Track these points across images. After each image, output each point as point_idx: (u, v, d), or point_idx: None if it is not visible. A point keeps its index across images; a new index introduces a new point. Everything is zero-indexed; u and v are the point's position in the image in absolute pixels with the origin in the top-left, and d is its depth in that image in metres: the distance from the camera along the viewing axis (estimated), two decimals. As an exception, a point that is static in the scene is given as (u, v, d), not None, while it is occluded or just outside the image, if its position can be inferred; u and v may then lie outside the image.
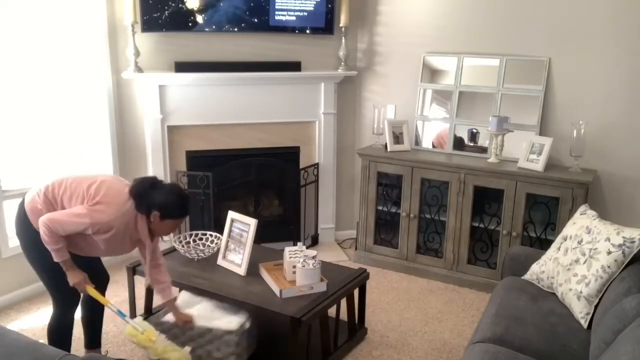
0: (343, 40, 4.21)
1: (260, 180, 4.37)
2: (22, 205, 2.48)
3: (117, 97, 3.94)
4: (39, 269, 2.52)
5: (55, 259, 2.39)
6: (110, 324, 3.22)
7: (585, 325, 2.34)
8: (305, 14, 4.09)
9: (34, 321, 3.25)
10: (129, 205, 2.40)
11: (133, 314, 3.11)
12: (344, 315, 3.03)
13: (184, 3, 3.81)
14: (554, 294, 2.59)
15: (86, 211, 2.34)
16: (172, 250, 3.25)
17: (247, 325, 2.70)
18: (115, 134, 3.95)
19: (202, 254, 3.11)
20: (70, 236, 2.37)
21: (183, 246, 3.15)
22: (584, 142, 3.50)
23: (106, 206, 2.36)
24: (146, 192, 2.43)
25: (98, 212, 2.34)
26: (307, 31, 4.15)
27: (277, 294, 2.71)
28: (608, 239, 2.36)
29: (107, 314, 3.35)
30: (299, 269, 2.76)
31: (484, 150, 3.91)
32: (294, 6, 4.05)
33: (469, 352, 2.19)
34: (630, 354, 1.66)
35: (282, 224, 4.45)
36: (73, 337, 3.07)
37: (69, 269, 2.43)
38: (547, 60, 3.70)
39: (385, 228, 4.18)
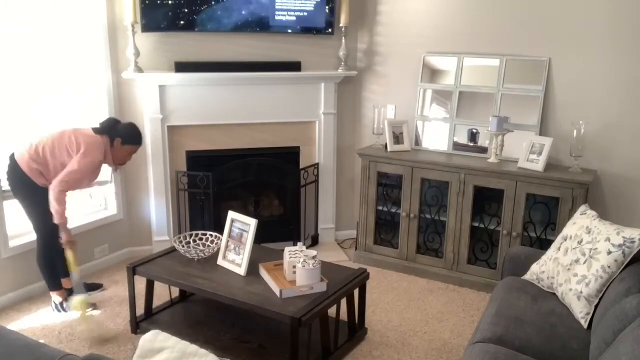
0: (343, 40, 4.21)
1: (260, 180, 4.37)
2: (16, 166, 3.14)
3: (117, 97, 3.94)
4: (34, 211, 3.21)
5: (57, 220, 3.11)
6: (110, 324, 3.22)
7: (585, 325, 2.34)
8: (305, 14, 4.09)
9: (34, 321, 3.25)
10: (100, 140, 3.22)
11: (133, 314, 3.11)
12: (344, 315, 3.03)
13: (184, 3, 3.81)
14: (554, 294, 2.59)
15: (78, 166, 3.11)
16: (172, 250, 3.25)
17: None
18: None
19: (202, 254, 3.11)
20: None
21: (183, 246, 3.15)
22: (584, 142, 3.50)
23: (89, 150, 3.15)
24: (112, 126, 3.30)
25: (86, 157, 3.13)
26: (307, 31, 4.15)
27: (277, 294, 2.71)
28: (608, 239, 2.36)
29: (108, 314, 3.35)
30: (299, 269, 2.76)
31: (484, 150, 3.91)
32: (294, 6, 4.05)
33: (469, 352, 2.19)
34: (630, 354, 1.66)
35: (282, 224, 4.45)
36: (73, 338, 3.08)
37: (64, 229, 3.16)
38: (547, 60, 3.70)
39: (385, 228, 4.18)
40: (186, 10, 3.82)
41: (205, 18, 3.88)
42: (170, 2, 3.77)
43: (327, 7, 4.10)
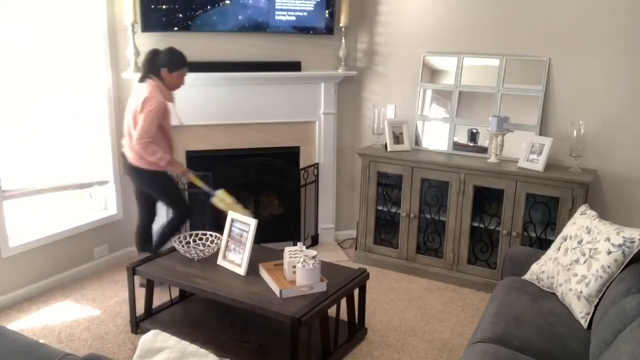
0: (343, 40, 4.21)
1: (260, 180, 4.36)
2: (130, 165, 3.40)
3: (117, 97, 3.94)
4: (164, 196, 3.52)
5: (162, 164, 3.30)
6: (110, 324, 3.22)
7: (585, 325, 2.34)
8: (305, 14, 4.09)
9: (34, 321, 3.25)
10: (152, 83, 3.28)
11: (133, 314, 3.11)
12: (344, 315, 3.03)
13: (184, 3, 3.80)
14: (554, 294, 2.59)
15: (146, 112, 3.20)
16: (172, 250, 3.25)
17: None
18: (115, 134, 3.94)
19: (202, 254, 3.11)
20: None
21: (183, 246, 3.15)
22: (584, 142, 3.50)
23: (150, 98, 3.22)
24: (152, 61, 3.32)
25: (150, 102, 3.21)
26: (307, 31, 4.15)
27: (277, 294, 2.71)
28: (608, 239, 2.36)
29: (108, 314, 3.35)
30: (299, 269, 2.76)
31: (484, 150, 3.91)
32: (294, 6, 4.05)
33: (469, 352, 2.20)
34: (630, 353, 1.66)
35: (282, 224, 4.45)
36: (73, 337, 3.09)
37: (174, 165, 3.40)
38: (547, 60, 3.70)
39: (385, 228, 4.18)
40: (186, 10, 3.82)
41: (205, 18, 3.88)
42: (170, 1, 3.77)
43: (327, 7, 4.10)
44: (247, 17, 3.96)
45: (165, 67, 3.31)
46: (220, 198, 3.41)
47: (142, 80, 3.35)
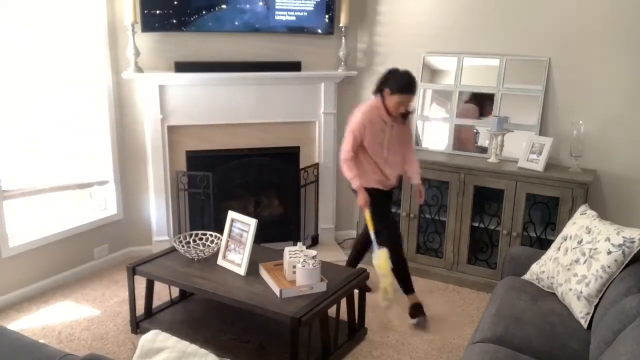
0: (343, 40, 4.21)
1: (260, 180, 4.36)
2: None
3: (117, 97, 3.94)
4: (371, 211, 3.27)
5: (354, 186, 3.22)
6: (110, 324, 3.22)
7: (585, 325, 2.34)
8: (305, 14, 4.09)
9: (34, 321, 3.25)
10: (368, 104, 3.25)
11: (133, 314, 3.11)
12: (344, 315, 3.03)
13: (183, 3, 3.80)
14: (554, 294, 2.59)
15: (349, 127, 3.22)
16: (172, 250, 3.25)
17: None
18: (115, 134, 3.95)
19: (202, 254, 3.11)
20: (360, 166, 3.24)
21: (183, 246, 3.15)
22: (584, 142, 3.50)
23: (355, 113, 3.25)
24: (383, 78, 3.22)
25: (353, 117, 3.23)
26: (307, 31, 4.15)
27: (277, 294, 2.71)
28: (608, 239, 2.36)
29: (108, 314, 3.35)
30: (299, 269, 2.76)
31: (484, 150, 3.91)
32: (294, 6, 4.04)
33: (469, 352, 2.20)
34: (630, 353, 1.66)
35: (282, 224, 4.45)
36: (73, 337, 3.08)
37: (360, 192, 3.21)
38: (547, 60, 3.70)
39: (385, 228, 4.17)
40: (186, 10, 3.82)
41: (205, 18, 3.87)
42: (170, 1, 3.77)
43: (327, 7, 4.10)
44: (247, 17, 3.96)
45: (388, 87, 3.15)
46: (378, 256, 3.14)
47: (373, 94, 3.29)
